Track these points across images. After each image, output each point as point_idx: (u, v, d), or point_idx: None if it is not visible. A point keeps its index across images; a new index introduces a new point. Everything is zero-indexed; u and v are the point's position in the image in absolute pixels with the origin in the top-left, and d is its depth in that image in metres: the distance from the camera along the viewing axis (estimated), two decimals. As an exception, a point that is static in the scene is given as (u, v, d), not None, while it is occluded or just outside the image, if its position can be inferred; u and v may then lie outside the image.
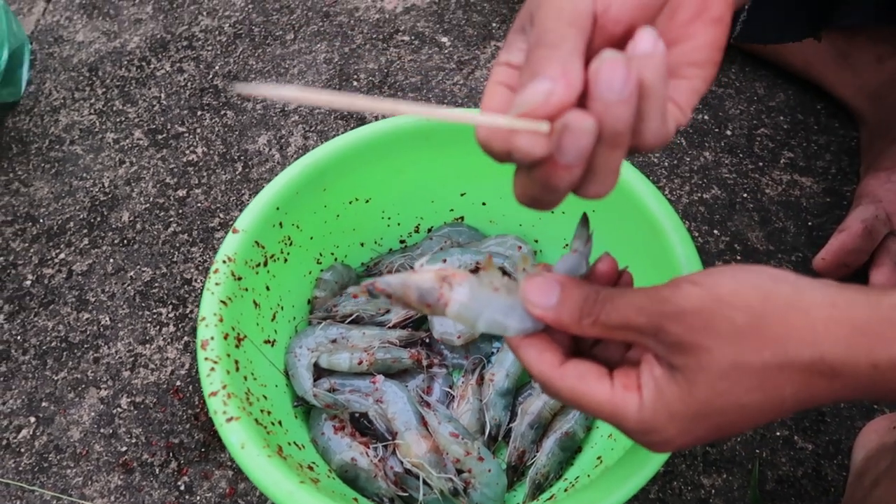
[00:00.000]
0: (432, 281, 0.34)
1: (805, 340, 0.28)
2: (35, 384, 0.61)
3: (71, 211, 0.72)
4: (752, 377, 0.29)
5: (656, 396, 0.31)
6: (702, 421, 0.30)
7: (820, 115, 0.74)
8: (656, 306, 0.30)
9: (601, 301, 0.32)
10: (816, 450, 0.54)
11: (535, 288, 0.33)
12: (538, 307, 0.33)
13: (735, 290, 0.30)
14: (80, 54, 0.85)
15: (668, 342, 0.30)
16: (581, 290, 0.33)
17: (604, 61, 0.26)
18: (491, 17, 0.85)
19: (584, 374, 0.33)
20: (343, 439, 0.52)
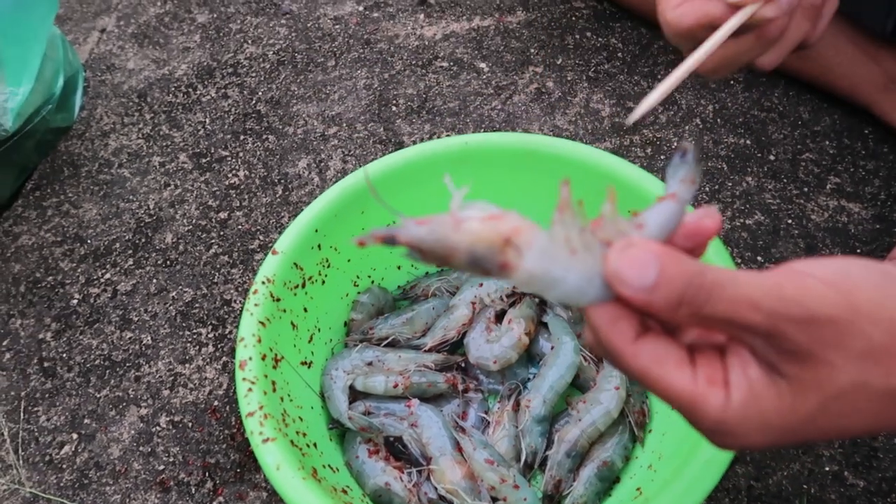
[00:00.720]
0: (490, 240, 0.25)
1: None
2: (78, 401, 0.62)
3: (117, 232, 0.74)
4: (871, 403, 0.26)
5: (749, 401, 0.27)
6: (793, 435, 0.27)
7: (868, 139, 0.72)
8: (780, 305, 0.25)
9: (707, 289, 0.26)
10: (868, 487, 0.52)
11: (628, 263, 0.26)
12: (630, 287, 0.26)
13: (877, 301, 0.26)
14: (131, 81, 0.88)
15: (784, 348, 0.26)
16: (685, 271, 0.26)
17: None
18: (529, 42, 0.85)
19: (662, 358, 0.28)
20: (377, 463, 0.52)
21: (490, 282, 0.59)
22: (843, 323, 0.25)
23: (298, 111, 0.82)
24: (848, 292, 0.26)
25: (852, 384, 0.26)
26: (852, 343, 0.25)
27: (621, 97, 0.78)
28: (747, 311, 0.26)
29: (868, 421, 0.26)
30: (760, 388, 0.26)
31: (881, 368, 0.26)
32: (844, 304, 0.25)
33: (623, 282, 0.26)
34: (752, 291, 0.26)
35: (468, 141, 0.59)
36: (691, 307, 0.26)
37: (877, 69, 0.68)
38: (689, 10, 0.40)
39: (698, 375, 0.27)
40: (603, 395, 0.53)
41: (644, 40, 0.84)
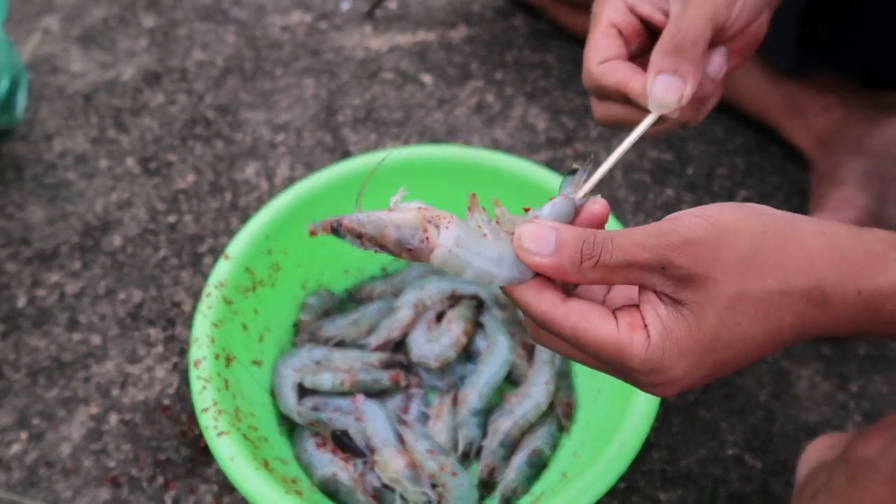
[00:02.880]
0: (415, 221, 0.31)
1: (802, 268, 0.30)
2: (27, 401, 0.63)
3: (64, 235, 0.75)
4: (756, 307, 0.30)
5: (664, 334, 0.31)
6: (709, 356, 0.31)
7: (774, 157, 0.80)
8: (660, 239, 0.30)
9: (600, 242, 0.31)
10: (765, 468, 0.58)
11: (530, 236, 0.31)
12: (535, 255, 0.31)
13: (737, 218, 0.30)
14: (76, 84, 0.89)
15: (676, 276, 0.30)
16: (577, 233, 0.31)
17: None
18: (470, 58, 0.90)
19: (587, 313, 0.32)
20: (325, 455, 0.55)
21: (431, 285, 0.64)
22: (712, 241, 0.30)
23: (247, 118, 0.84)
24: (712, 217, 0.30)
25: (735, 292, 0.30)
26: (725, 256, 0.30)
27: (556, 112, 0.84)
28: (639, 252, 0.30)
29: (761, 326, 0.30)
30: (670, 321, 0.31)
31: (754, 273, 0.30)
32: (710, 226, 0.30)
33: (530, 252, 0.31)
34: (638, 235, 0.31)
35: (411, 153, 0.63)
36: (592, 259, 0.31)
37: (781, 96, 0.75)
38: (614, 70, 0.42)
39: (621, 324, 0.32)
40: (533, 389, 0.58)
41: (579, 59, 0.89)
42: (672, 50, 0.41)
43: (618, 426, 0.50)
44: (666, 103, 0.41)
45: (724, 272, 0.30)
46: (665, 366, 0.31)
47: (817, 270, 0.30)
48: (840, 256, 0.30)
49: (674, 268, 0.30)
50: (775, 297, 0.30)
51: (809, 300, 0.30)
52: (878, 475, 0.40)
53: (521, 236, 0.32)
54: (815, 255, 0.30)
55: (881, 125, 0.70)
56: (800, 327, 0.31)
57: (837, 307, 0.31)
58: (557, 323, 0.32)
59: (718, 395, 0.62)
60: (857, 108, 0.72)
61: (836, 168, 0.70)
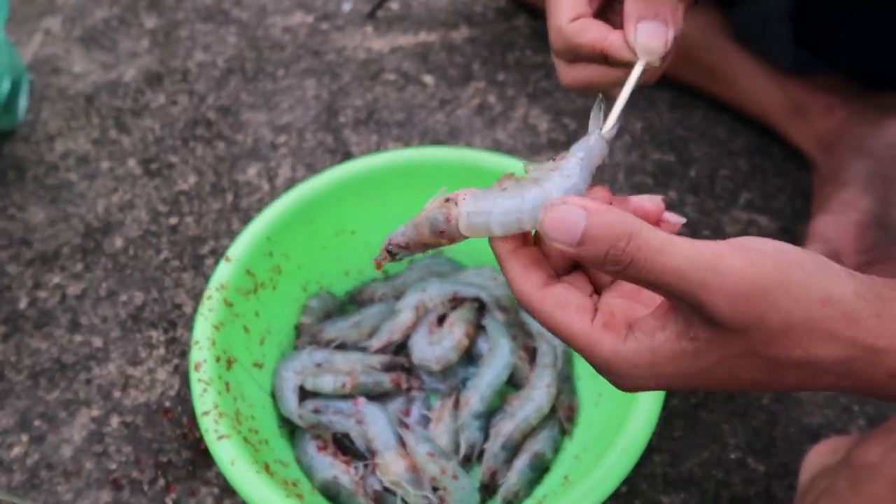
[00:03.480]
0: (437, 206, 0.32)
1: (839, 346, 0.28)
2: (28, 403, 0.63)
3: (65, 236, 0.75)
4: (767, 364, 0.28)
5: (644, 352, 0.29)
6: (684, 381, 0.29)
7: (776, 158, 0.79)
8: (710, 277, 0.26)
9: (630, 254, 0.27)
10: (768, 471, 0.58)
11: (555, 224, 0.28)
12: (558, 242, 0.29)
13: (806, 281, 0.27)
14: (77, 85, 0.89)
15: (705, 316, 0.27)
16: (610, 231, 0.27)
17: None
18: (472, 58, 0.89)
19: (564, 304, 0.30)
20: (325, 458, 0.55)
21: (433, 287, 0.63)
22: (770, 297, 0.27)
23: (248, 119, 0.84)
24: (783, 267, 0.27)
25: (756, 350, 0.28)
26: (772, 318, 0.27)
27: (558, 113, 0.84)
28: (673, 281, 0.27)
29: (760, 374, 0.29)
30: (661, 347, 0.28)
31: (788, 342, 0.27)
32: (776, 279, 0.27)
33: (551, 238, 0.29)
34: (678, 263, 0.27)
35: (412, 155, 0.63)
36: (616, 266, 0.28)
37: (783, 96, 0.75)
38: (587, 27, 0.40)
39: (596, 321, 0.30)
40: (535, 392, 0.58)
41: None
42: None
43: (620, 430, 0.50)
44: (653, 49, 0.39)
45: (760, 332, 0.27)
46: (633, 377, 0.30)
47: (850, 350, 0.28)
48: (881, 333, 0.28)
49: (710, 313, 0.27)
50: (793, 364, 0.28)
51: (827, 370, 0.29)
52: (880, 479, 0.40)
53: (544, 223, 0.29)
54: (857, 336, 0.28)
55: (884, 126, 0.70)
56: (809, 385, 0.29)
57: (860, 381, 0.29)
58: (533, 306, 0.31)
59: (720, 397, 0.62)
60: (859, 109, 0.72)
61: (838, 170, 0.70)
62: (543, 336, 0.61)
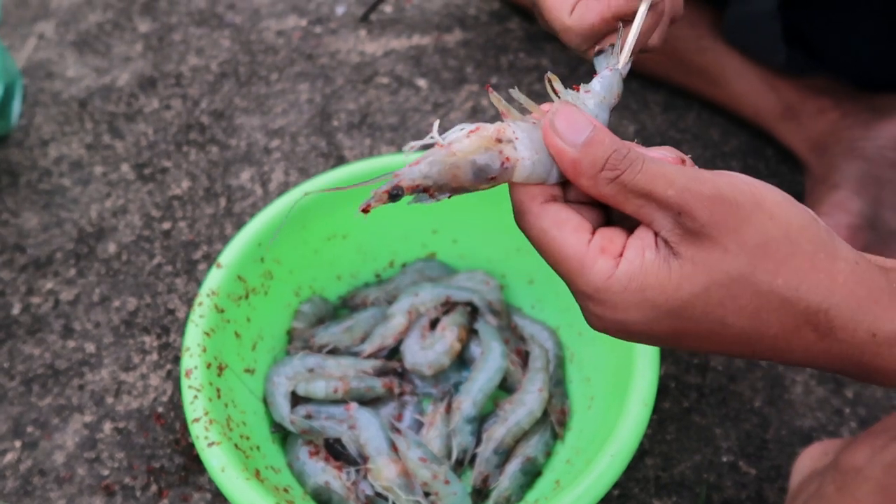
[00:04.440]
0: (486, 147, 0.29)
1: (821, 285, 0.27)
2: (21, 410, 0.63)
3: (59, 242, 0.75)
4: (751, 299, 0.27)
5: (635, 275, 0.28)
6: (671, 320, 0.28)
7: (769, 160, 0.79)
8: (692, 183, 0.27)
9: (630, 159, 0.28)
10: (759, 474, 0.58)
11: (565, 118, 0.29)
12: (562, 140, 0.28)
13: (782, 202, 0.28)
14: (71, 89, 0.89)
15: (687, 227, 0.27)
16: (614, 140, 0.29)
17: None
18: (465, 62, 0.89)
19: (562, 222, 0.29)
20: (317, 463, 0.55)
21: (425, 291, 0.63)
22: (745, 210, 0.27)
23: (241, 123, 0.84)
24: (757, 190, 0.28)
25: (739, 273, 0.27)
26: (749, 232, 0.27)
27: (550, 116, 0.84)
28: (662, 185, 0.27)
29: (745, 321, 0.27)
30: (651, 266, 0.28)
31: (770, 265, 0.27)
32: (751, 196, 0.27)
33: (559, 134, 0.28)
34: (669, 169, 0.28)
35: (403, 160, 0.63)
36: (614, 172, 0.28)
37: (775, 99, 0.75)
38: (588, 9, 0.39)
39: (593, 242, 0.29)
40: (527, 396, 0.58)
41: (574, 62, 0.89)
42: None
43: (611, 434, 0.50)
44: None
45: (740, 247, 0.27)
46: (619, 305, 0.28)
47: (834, 295, 0.27)
48: (866, 292, 0.28)
49: (691, 218, 0.27)
50: (775, 300, 0.27)
51: (809, 321, 0.28)
52: (866, 483, 0.40)
53: (557, 114, 0.29)
54: (840, 280, 0.27)
55: (876, 128, 0.70)
56: (784, 346, 0.28)
57: (840, 342, 0.28)
58: (528, 219, 0.30)
59: (713, 400, 0.62)
60: (851, 111, 0.72)
61: (830, 171, 0.70)
62: (535, 340, 0.62)
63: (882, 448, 0.39)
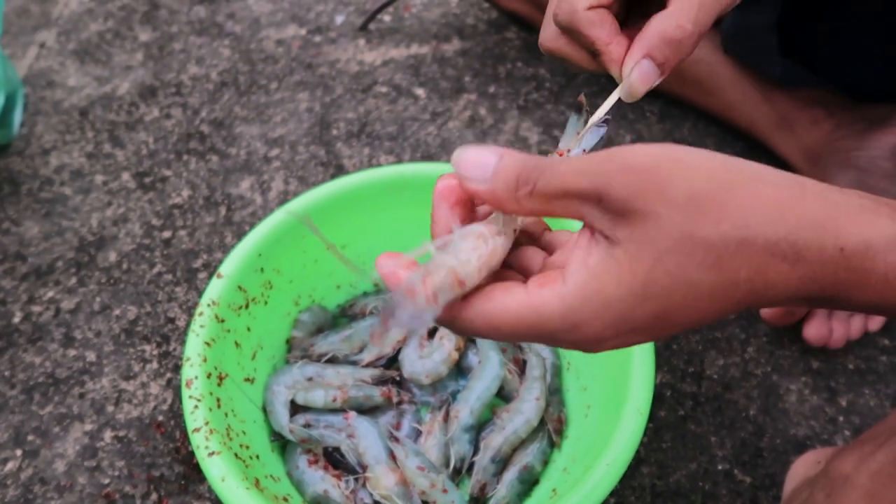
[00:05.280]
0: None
1: (771, 215, 0.26)
2: (22, 418, 0.64)
3: (60, 250, 0.75)
4: (707, 252, 0.26)
5: (587, 281, 0.27)
6: (643, 305, 0.26)
7: (764, 169, 0.80)
8: (600, 166, 0.27)
9: (539, 167, 0.28)
10: (754, 482, 0.59)
11: (470, 160, 0.29)
12: (473, 181, 0.29)
13: (693, 152, 0.27)
14: (72, 98, 0.89)
15: (613, 209, 0.26)
16: (519, 159, 0.29)
17: None
18: (464, 71, 0.90)
19: (489, 295, 0.28)
20: (316, 472, 0.56)
21: (423, 300, 0.64)
22: (662, 170, 0.26)
23: (241, 132, 0.85)
24: (666, 147, 0.27)
25: (681, 233, 0.26)
26: (673, 190, 0.26)
27: (548, 125, 0.84)
28: (573, 178, 0.27)
29: (711, 274, 0.26)
30: (597, 266, 0.27)
31: (708, 216, 0.26)
32: (662, 155, 0.26)
33: (468, 178, 0.29)
34: (576, 162, 0.28)
35: (402, 170, 0.64)
36: (528, 186, 0.28)
37: (770, 109, 0.76)
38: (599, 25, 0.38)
39: (530, 285, 0.28)
40: (525, 405, 0.58)
41: (570, 72, 0.90)
42: (675, 42, 0.36)
43: (607, 442, 0.50)
44: (636, 92, 0.38)
45: (670, 208, 0.26)
46: (586, 318, 0.27)
47: (788, 220, 0.26)
48: (818, 207, 0.26)
49: (611, 199, 0.26)
50: (731, 244, 0.26)
51: (775, 253, 0.26)
52: (854, 490, 0.40)
53: (459, 161, 0.29)
54: (787, 203, 0.26)
55: (870, 139, 0.71)
56: (761, 285, 0.26)
57: (812, 264, 0.26)
58: (466, 324, 0.29)
59: (708, 409, 0.63)
60: (845, 121, 0.73)
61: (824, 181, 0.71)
62: (533, 349, 0.62)
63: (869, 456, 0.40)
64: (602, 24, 0.38)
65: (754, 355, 0.66)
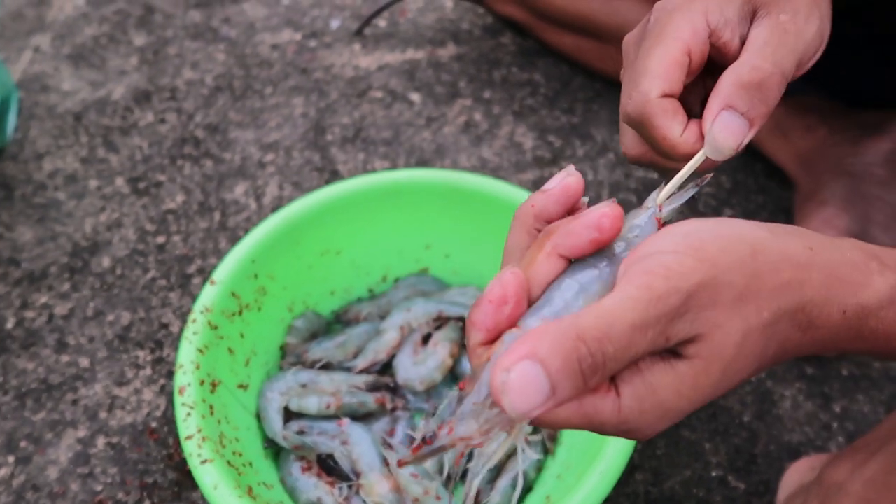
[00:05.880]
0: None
1: (793, 288, 0.27)
2: (14, 424, 0.64)
3: (53, 256, 0.75)
4: (754, 344, 0.27)
5: (645, 395, 0.26)
6: (698, 405, 0.27)
7: (759, 175, 0.80)
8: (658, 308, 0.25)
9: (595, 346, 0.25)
10: (748, 489, 0.59)
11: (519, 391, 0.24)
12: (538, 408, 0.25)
13: (724, 248, 0.27)
14: (66, 103, 0.89)
15: (679, 339, 0.26)
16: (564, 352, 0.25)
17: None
18: (459, 76, 0.90)
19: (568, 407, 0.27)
20: (310, 479, 0.56)
21: (418, 307, 0.64)
22: (709, 283, 0.26)
23: (236, 137, 0.85)
24: (698, 252, 0.26)
25: (742, 335, 0.27)
26: (723, 297, 0.26)
27: (543, 131, 0.85)
28: (639, 336, 0.25)
29: (754, 361, 0.28)
30: (657, 380, 0.26)
31: (752, 307, 0.27)
32: (702, 266, 0.26)
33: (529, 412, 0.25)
34: (627, 317, 0.25)
35: (397, 176, 0.64)
36: (597, 375, 0.25)
37: (764, 115, 0.76)
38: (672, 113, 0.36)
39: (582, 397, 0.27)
40: (519, 411, 0.58)
41: (566, 77, 0.90)
42: (754, 86, 0.33)
43: (601, 449, 0.50)
44: (724, 148, 0.34)
45: (726, 315, 0.26)
46: (643, 426, 0.27)
47: (806, 291, 0.28)
48: (827, 273, 0.28)
49: (678, 333, 0.26)
50: (768, 329, 0.27)
51: (794, 324, 0.28)
52: (847, 498, 0.40)
53: (511, 402, 0.25)
54: (805, 275, 0.28)
55: (863, 145, 0.71)
56: (781, 353, 0.29)
57: (821, 329, 0.29)
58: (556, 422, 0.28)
59: (703, 415, 0.63)
60: (839, 128, 0.73)
61: (818, 188, 0.71)
62: (527, 355, 0.62)
63: (862, 463, 0.40)
64: (677, 112, 0.35)
65: (748, 361, 0.66)
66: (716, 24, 0.35)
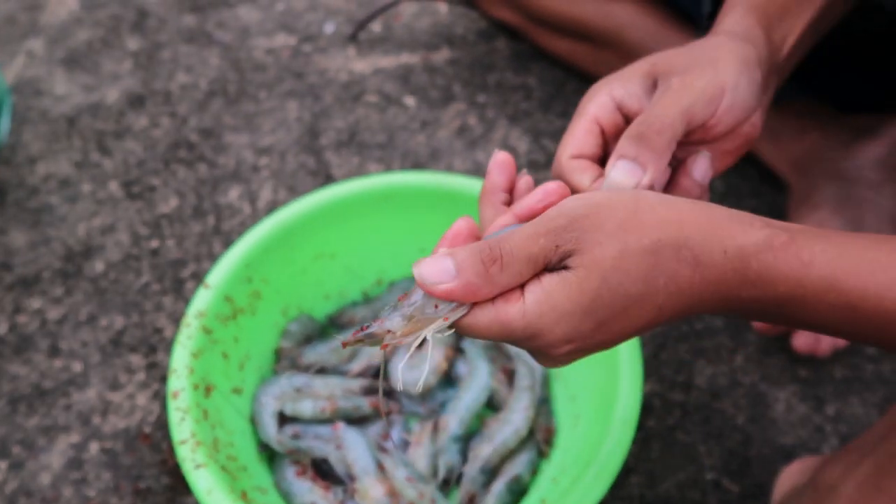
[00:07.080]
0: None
1: (672, 227, 0.33)
2: (7, 430, 0.63)
3: (46, 260, 0.75)
4: (637, 265, 0.33)
5: (542, 298, 0.33)
6: (589, 316, 0.33)
7: (752, 179, 0.81)
8: (549, 225, 0.33)
9: (496, 246, 0.33)
10: (742, 491, 0.59)
11: (431, 271, 0.33)
12: (443, 284, 0.33)
13: (609, 195, 0.35)
14: (60, 107, 0.89)
15: (566, 249, 0.33)
16: (472, 248, 0.34)
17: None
18: (453, 80, 0.90)
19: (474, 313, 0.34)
20: (304, 483, 0.55)
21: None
22: (592, 214, 0.34)
23: (230, 141, 0.85)
24: (587, 197, 0.35)
25: (618, 252, 0.33)
26: (605, 224, 0.33)
27: (537, 135, 0.85)
28: (532, 243, 0.33)
29: (640, 285, 0.33)
30: (551, 286, 0.33)
31: (632, 234, 0.33)
32: (588, 203, 0.34)
33: (435, 284, 0.33)
34: (527, 229, 0.34)
35: (390, 180, 0.64)
36: (497, 265, 0.33)
37: (757, 119, 0.76)
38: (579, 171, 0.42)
39: (497, 302, 0.34)
40: (513, 415, 0.58)
41: (560, 81, 0.90)
42: (636, 137, 0.40)
43: (596, 452, 0.50)
44: (622, 186, 0.40)
45: (606, 235, 0.33)
46: (544, 328, 0.33)
47: (685, 229, 0.33)
48: (706, 218, 0.33)
49: (565, 246, 0.33)
50: (650, 255, 0.33)
51: (680, 259, 0.33)
52: (840, 500, 0.40)
53: (421, 275, 0.33)
54: (684, 216, 0.33)
55: (856, 149, 0.71)
56: (675, 289, 0.33)
57: (707, 267, 0.33)
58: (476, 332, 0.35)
59: (696, 418, 0.63)
60: (832, 132, 0.73)
61: (811, 192, 0.71)
62: (522, 358, 0.62)
63: (855, 465, 0.40)
64: (584, 170, 0.42)
65: (742, 364, 0.66)
66: (620, 97, 0.43)
